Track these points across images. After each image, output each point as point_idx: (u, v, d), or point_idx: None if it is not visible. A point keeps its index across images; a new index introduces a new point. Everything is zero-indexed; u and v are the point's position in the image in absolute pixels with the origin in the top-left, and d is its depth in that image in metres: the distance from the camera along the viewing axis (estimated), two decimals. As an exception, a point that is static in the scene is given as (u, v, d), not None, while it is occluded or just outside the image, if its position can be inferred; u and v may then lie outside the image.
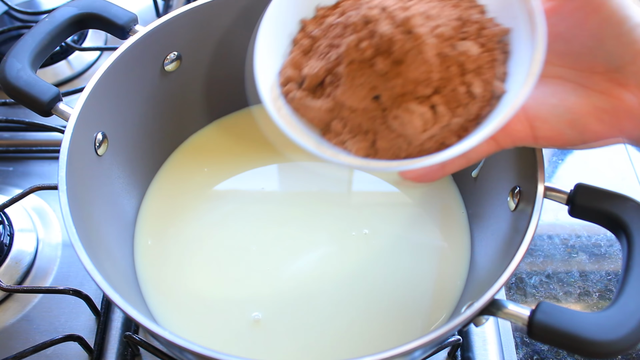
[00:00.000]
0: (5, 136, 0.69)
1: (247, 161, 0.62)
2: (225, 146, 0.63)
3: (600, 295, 0.57)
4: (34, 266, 0.58)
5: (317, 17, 0.42)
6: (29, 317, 0.55)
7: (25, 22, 0.78)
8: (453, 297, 0.52)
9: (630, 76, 0.35)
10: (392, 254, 0.55)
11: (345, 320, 0.51)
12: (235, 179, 0.60)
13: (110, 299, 0.39)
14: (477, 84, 0.36)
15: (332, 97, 0.38)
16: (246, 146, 0.63)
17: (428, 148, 0.37)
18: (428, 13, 0.35)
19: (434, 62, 0.35)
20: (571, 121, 0.37)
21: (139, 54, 0.52)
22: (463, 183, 0.59)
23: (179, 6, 0.78)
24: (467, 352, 0.52)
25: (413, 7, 0.35)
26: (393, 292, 0.53)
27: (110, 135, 0.51)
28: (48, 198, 0.63)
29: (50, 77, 0.73)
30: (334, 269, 0.54)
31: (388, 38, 0.34)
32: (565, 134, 0.37)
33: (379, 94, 0.36)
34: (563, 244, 0.61)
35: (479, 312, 0.38)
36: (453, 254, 0.55)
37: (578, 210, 0.42)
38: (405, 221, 0.57)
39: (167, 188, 0.60)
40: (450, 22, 0.36)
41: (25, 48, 0.48)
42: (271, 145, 0.62)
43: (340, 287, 0.53)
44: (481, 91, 0.36)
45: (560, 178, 0.66)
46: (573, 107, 0.36)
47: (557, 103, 0.37)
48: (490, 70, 0.36)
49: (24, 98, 0.47)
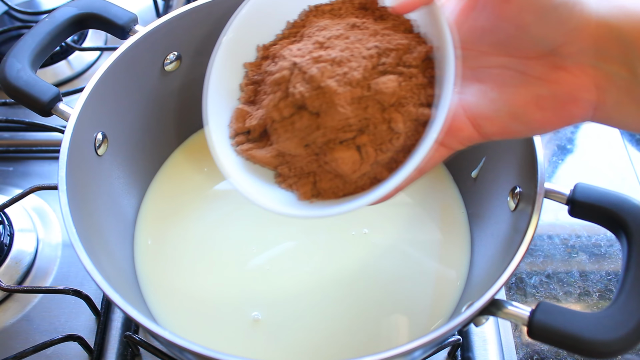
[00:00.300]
0: (5, 136, 0.69)
1: (247, 161, 0.62)
2: (225, 146, 0.63)
3: (600, 295, 0.57)
4: (34, 266, 0.58)
5: (257, 60, 0.44)
6: (29, 317, 0.55)
7: (25, 22, 0.78)
8: (453, 297, 0.52)
9: (566, 57, 0.33)
10: (392, 253, 0.55)
11: (345, 320, 0.51)
12: (235, 179, 0.60)
13: (110, 299, 0.39)
14: (397, 119, 0.36)
15: (273, 146, 0.40)
16: (246, 146, 0.63)
17: (362, 185, 0.39)
18: (340, 59, 0.36)
19: (348, 111, 0.36)
20: (512, 114, 0.35)
21: (139, 54, 0.52)
22: (463, 183, 0.59)
23: (179, 6, 0.78)
24: (467, 352, 0.52)
25: (325, 54, 0.36)
26: (393, 292, 0.52)
27: (110, 135, 0.51)
28: (48, 198, 0.63)
29: (50, 77, 0.73)
30: (334, 269, 0.54)
31: (301, 97, 0.36)
32: (510, 127, 0.36)
33: (308, 143, 0.38)
34: (563, 244, 0.61)
35: (479, 312, 0.38)
36: (453, 254, 0.55)
37: (578, 210, 0.42)
38: (405, 221, 0.57)
39: (167, 188, 0.60)
40: (364, 61, 0.36)
41: (25, 48, 0.48)
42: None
43: (340, 287, 0.53)
44: (402, 125, 0.36)
45: (560, 178, 0.66)
46: (511, 99, 0.35)
47: (496, 97, 0.36)
48: (412, 98, 0.37)
49: (24, 98, 0.47)
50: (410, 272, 0.54)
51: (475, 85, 0.37)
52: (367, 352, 0.36)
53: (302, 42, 0.39)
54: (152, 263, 0.54)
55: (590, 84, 0.33)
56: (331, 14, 0.41)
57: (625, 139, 0.69)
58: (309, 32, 0.40)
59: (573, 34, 0.32)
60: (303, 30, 0.41)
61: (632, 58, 0.32)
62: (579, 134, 0.70)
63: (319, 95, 0.36)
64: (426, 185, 0.60)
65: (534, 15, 0.32)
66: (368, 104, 0.36)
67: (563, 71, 0.34)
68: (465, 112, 0.37)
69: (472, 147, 0.57)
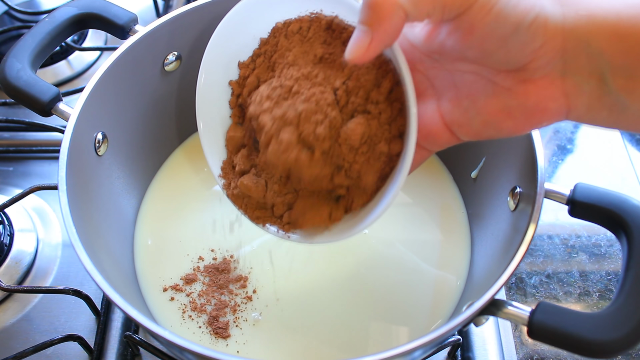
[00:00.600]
0: (5, 136, 0.69)
1: (247, 161, 0.62)
2: (225, 146, 0.63)
3: (600, 295, 0.57)
4: (34, 266, 0.58)
5: (239, 79, 0.46)
6: (29, 317, 0.55)
7: (25, 22, 0.78)
8: (453, 297, 0.52)
9: (534, 71, 0.34)
10: (392, 253, 0.55)
11: (345, 320, 0.51)
12: (235, 179, 0.60)
13: (110, 299, 0.39)
14: (365, 162, 0.39)
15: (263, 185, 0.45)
16: (246, 146, 0.63)
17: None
18: (306, 113, 0.38)
19: (317, 170, 0.39)
20: (484, 122, 0.36)
21: (139, 54, 0.52)
22: (463, 183, 0.59)
23: (179, 6, 0.78)
24: (467, 352, 0.52)
25: (292, 113, 0.38)
26: (393, 292, 0.52)
27: (110, 135, 0.51)
28: (48, 198, 0.63)
29: (50, 77, 0.73)
30: (334, 269, 0.54)
31: (272, 164, 0.40)
32: (483, 132, 0.37)
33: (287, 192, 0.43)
34: (563, 244, 0.61)
35: (479, 312, 0.38)
36: (453, 254, 0.55)
37: (578, 210, 0.42)
38: (405, 221, 0.57)
39: (167, 188, 0.60)
40: (332, 112, 0.38)
41: (25, 48, 0.48)
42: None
43: (340, 286, 0.53)
44: (373, 165, 0.39)
45: (560, 178, 0.66)
46: (483, 109, 0.36)
47: (469, 105, 0.36)
48: (383, 135, 0.39)
49: (24, 98, 0.47)
50: (410, 272, 0.54)
51: (452, 90, 0.38)
52: (367, 352, 0.36)
53: (273, 83, 0.41)
54: (152, 263, 0.54)
55: (559, 94, 0.34)
56: (300, 36, 0.42)
57: (625, 139, 0.69)
58: (280, 63, 0.43)
59: (539, 52, 0.32)
60: (275, 57, 0.43)
61: (601, 67, 0.32)
62: (579, 134, 0.70)
63: (286, 163, 0.39)
64: (426, 185, 0.60)
65: (497, 43, 0.32)
66: (338, 151, 0.39)
67: (531, 84, 0.34)
68: (441, 119, 0.38)
69: (472, 147, 0.57)
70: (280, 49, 0.43)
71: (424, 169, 0.61)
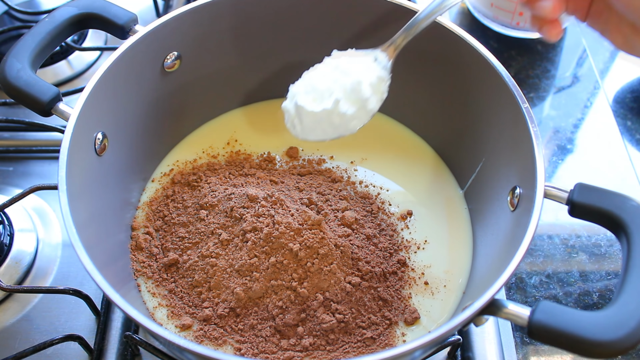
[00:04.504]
0: (5, 136, 0.69)
1: (247, 161, 0.61)
2: (225, 146, 0.63)
3: (600, 295, 0.57)
4: (34, 266, 0.58)
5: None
6: (29, 317, 0.55)
7: (25, 22, 0.78)
8: (453, 297, 0.52)
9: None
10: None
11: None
12: (235, 179, 0.60)
13: (110, 299, 0.39)
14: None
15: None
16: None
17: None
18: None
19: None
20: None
21: (139, 54, 0.52)
22: (464, 183, 0.59)
23: (179, 6, 0.78)
24: (467, 352, 0.52)
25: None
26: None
27: (110, 135, 0.51)
28: (48, 198, 0.63)
29: (50, 77, 0.73)
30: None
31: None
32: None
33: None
34: (563, 244, 0.61)
35: (479, 312, 0.38)
36: (454, 254, 0.55)
37: (578, 210, 0.42)
38: (406, 221, 0.57)
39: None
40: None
41: (25, 48, 0.48)
42: (269, 142, 0.62)
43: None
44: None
45: (560, 178, 0.66)
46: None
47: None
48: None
49: (24, 98, 0.47)
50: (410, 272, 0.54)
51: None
52: (367, 351, 0.36)
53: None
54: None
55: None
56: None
57: (625, 139, 0.69)
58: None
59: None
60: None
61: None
62: (579, 134, 0.70)
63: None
64: (427, 185, 0.60)
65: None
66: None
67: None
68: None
69: (472, 147, 0.57)
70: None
71: (425, 169, 0.61)
